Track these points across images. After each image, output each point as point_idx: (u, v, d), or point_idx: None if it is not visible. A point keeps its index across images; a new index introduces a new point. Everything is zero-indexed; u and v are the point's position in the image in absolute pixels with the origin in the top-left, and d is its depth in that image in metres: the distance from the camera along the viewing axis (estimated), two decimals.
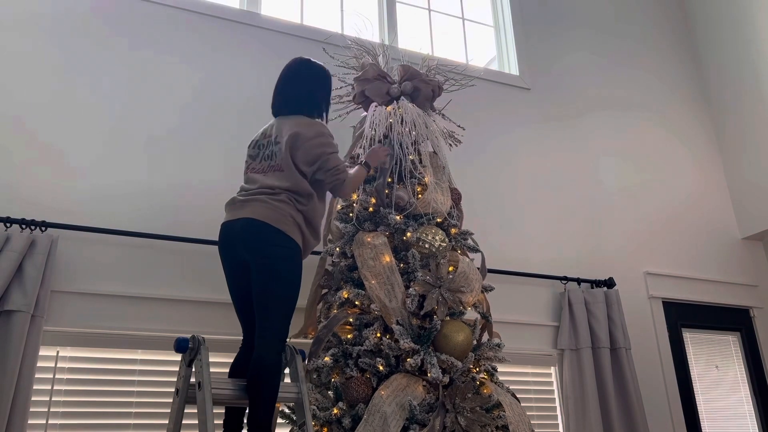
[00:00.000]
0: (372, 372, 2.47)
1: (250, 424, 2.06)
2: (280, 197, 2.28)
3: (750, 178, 4.71)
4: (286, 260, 2.22)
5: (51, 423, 2.58)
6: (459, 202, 3.02)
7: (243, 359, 2.32)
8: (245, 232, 2.24)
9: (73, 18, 3.16)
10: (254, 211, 2.25)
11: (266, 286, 2.18)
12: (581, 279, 3.87)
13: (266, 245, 2.22)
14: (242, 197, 2.34)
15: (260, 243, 2.22)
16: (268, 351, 2.13)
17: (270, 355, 2.13)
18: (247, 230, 2.24)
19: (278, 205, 2.26)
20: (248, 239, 2.23)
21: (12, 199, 2.76)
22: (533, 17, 4.58)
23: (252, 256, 2.23)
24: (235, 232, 2.27)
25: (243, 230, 2.25)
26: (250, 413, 2.07)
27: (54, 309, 2.67)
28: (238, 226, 2.27)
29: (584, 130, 4.44)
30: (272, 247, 2.22)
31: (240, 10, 3.62)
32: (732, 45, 4.97)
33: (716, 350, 4.36)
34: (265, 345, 2.14)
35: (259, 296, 2.19)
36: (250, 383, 2.11)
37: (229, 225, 2.31)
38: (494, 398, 2.51)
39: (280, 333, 2.19)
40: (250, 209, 2.26)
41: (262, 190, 2.31)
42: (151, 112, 3.18)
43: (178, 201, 3.07)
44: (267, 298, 2.17)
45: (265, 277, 2.18)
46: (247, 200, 2.31)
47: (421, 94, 3.04)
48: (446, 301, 2.56)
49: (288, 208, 2.28)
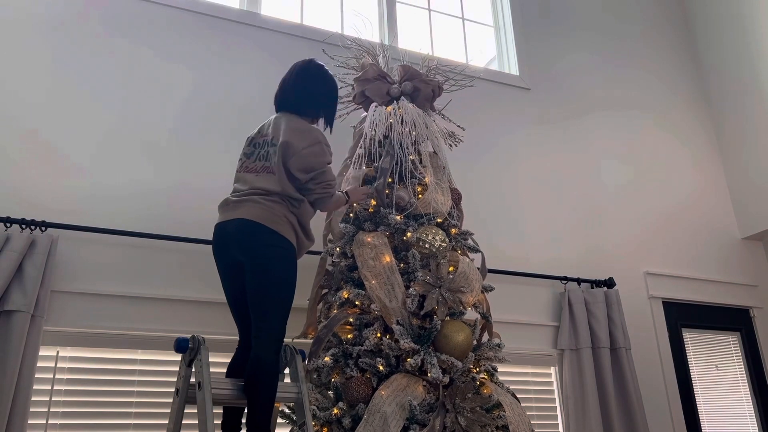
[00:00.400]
0: (372, 372, 2.47)
1: (248, 424, 2.06)
2: (273, 198, 2.28)
3: (750, 178, 4.71)
4: (280, 260, 2.22)
5: (51, 423, 2.58)
6: (459, 202, 3.02)
7: (240, 360, 2.31)
8: (239, 233, 2.23)
9: (74, 18, 3.16)
10: (248, 212, 2.24)
11: (261, 286, 2.17)
12: (581, 279, 3.87)
13: (260, 246, 2.21)
14: (235, 198, 2.33)
15: (254, 243, 2.21)
16: (266, 351, 2.13)
17: (267, 356, 2.12)
18: (241, 231, 2.23)
19: (272, 206, 2.26)
20: (242, 240, 2.22)
21: (12, 199, 2.76)
22: (533, 17, 4.58)
23: (246, 257, 2.22)
24: (229, 233, 2.27)
25: (237, 231, 2.24)
26: (249, 414, 2.07)
27: (54, 309, 2.67)
28: (231, 226, 2.26)
29: (584, 130, 4.44)
30: (266, 248, 2.21)
31: (240, 10, 3.62)
32: (732, 45, 4.97)
33: (716, 350, 4.36)
34: (262, 345, 2.13)
35: (254, 297, 2.18)
36: (247, 384, 2.11)
37: (223, 226, 2.30)
38: (494, 398, 2.51)
39: (277, 333, 2.18)
40: (244, 210, 2.25)
41: (255, 191, 2.30)
42: (151, 112, 3.18)
43: (178, 201, 3.07)
44: (263, 299, 2.17)
45: (260, 278, 2.18)
46: (240, 201, 2.30)
47: (421, 94, 3.04)
48: (446, 301, 2.56)
49: (281, 209, 2.27)
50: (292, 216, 2.29)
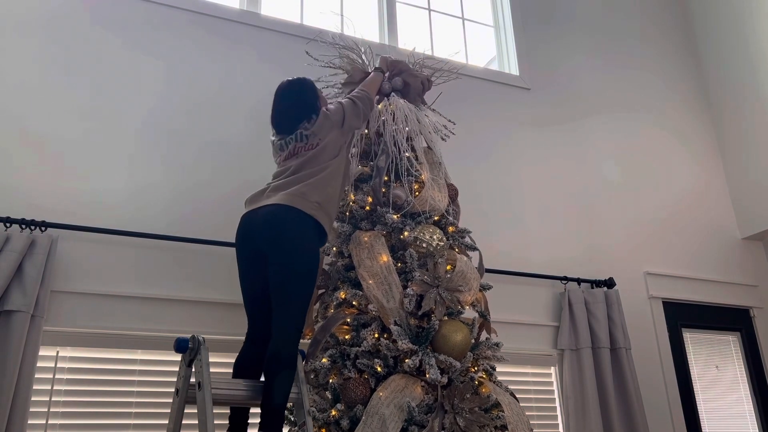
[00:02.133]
0: (370, 373, 2.46)
1: (264, 409, 2.06)
2: (319, 174, 2.36)
3: (750, 178, 4.71)
4: (305, 254, 2.24)
5: (51, 423, 2.59)
6: (456, 198, 3.00)
7: (248, 354, 2.32)
8: (270, 218, 2.26)
9: (73, 18, 3.17)
10: (282, 198, 2.28)
11: (286, 281, 2.19)
12: (581, 279, 3.87)
13: (286, 239, 2.23)
14: (271, 186, 2.37)
15: (281, 235, 2.23)
16: (289, 344, 2.15)
17: (290, 348, 2.15)
18: (272, 216, 2.26)
19: (305, 191, 2.31)
20: (270, 227, 2.24)
21: (12, 199, 2.77)
22: (533, 17, 4.58)
23: (271, 248, 2.24)
24: (256, 222, 2.29)
25: (267, 215, 2.27)
26: (264, 401, 2.07)
27: (54, 309, 2.68)
28: (261, 213, 2.29)
29: (584, 130, 4.44)
30: (292, 241, 2.23)
31: (240, 10, 3.62)
32: (732, 45, 4.96)
33: (716, 350, 4.36)
34: (285, 338, 2.15)
35: (278, 291, 2.20)
36: (269, 371, 2.11)
37: (251, 215, 2.33)
38: (493, 398, 2.50)
39: (298, 326, 2.20)
40: (278, 197, 2.29)
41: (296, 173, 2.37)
42: (151, 112, 3.18)
43: (179, 201, 3.08)
44: (286, 293, 2.18)
45: (285, 272, 2.20)
46: (278, 186, 2.34)
47: (411, 89, 3.03)
48: (444, 300, 2.55)
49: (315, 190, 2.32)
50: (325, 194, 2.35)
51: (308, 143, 2.44)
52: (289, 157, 2.46)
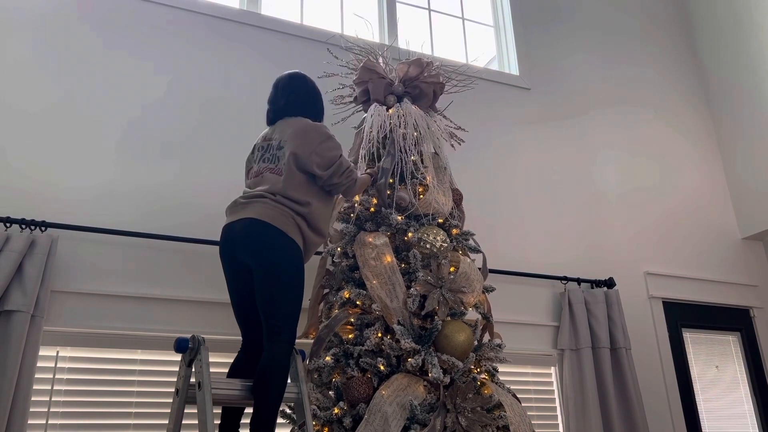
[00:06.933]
0: (373, 372, 2.46)
1: (253, 423, 2.05)
2: (279, 199, 2.28)
3: (750, 179, 4.71)
4: (288, 263, 2.22)
5: (51, 423, 2.58)
6: (460, 203, 3.02)
7: (242, 361, 2.32)
8: (245, 233, 2.24)
9: (72, 19, 3.16)
10: (255, 211, 2.25)
11: (271, 289, 2.17)
12: (581, 279, 3.87)
13: (266, 248, 2.21)
14: (243, 200, 2.34)
15: (260, 245, 2.21)
16: (279, 354, 2.13)
17: (280, 358, 2.13)
18: (248, 230, 2.23)
19: (278, 206, 2.27)
20: (248, 240, 2.23)
21: (12, 199, 2.76)
22: (533, 17, 4.58)
23: (253, 259, 2.22)
24: (235, 234, 2.27)
25: (243, 230, 2.24)
26: (254, 413, 2.07)
27: (54, 309, 2.67)
28: (238, 227, 2.27)
29: (584, 130, 4.44)
30: (272, 251, 2.21)
31: (240, 10, 3.62)
32: (732, 44, 4.97)
33: (716, 350, 4.36)
34: (275, 348, 2.13)
35: (264, 301, 2.18)
36: (258, 383, 2.10)
37: (230, 227, 2.31)
38: (495, 398, 2.51)
39: (289, 335, 2.18)
40: (251, 210, 2.26)
41: (263, 193, 2.31)
42: (151, 112, 3.17)
43: (178, 201, 3.07)
44: (273, 302, 2.17)
45: (269, 281, 2.18)
46: (248, 202, 2.31)
47: (422, 95, 3.04)
48: (447, 301, 2.56)
49: (288, 209, 2.28)
50: (299, 217, 2.30)
51: (276, 166, 2.38)
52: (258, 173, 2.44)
